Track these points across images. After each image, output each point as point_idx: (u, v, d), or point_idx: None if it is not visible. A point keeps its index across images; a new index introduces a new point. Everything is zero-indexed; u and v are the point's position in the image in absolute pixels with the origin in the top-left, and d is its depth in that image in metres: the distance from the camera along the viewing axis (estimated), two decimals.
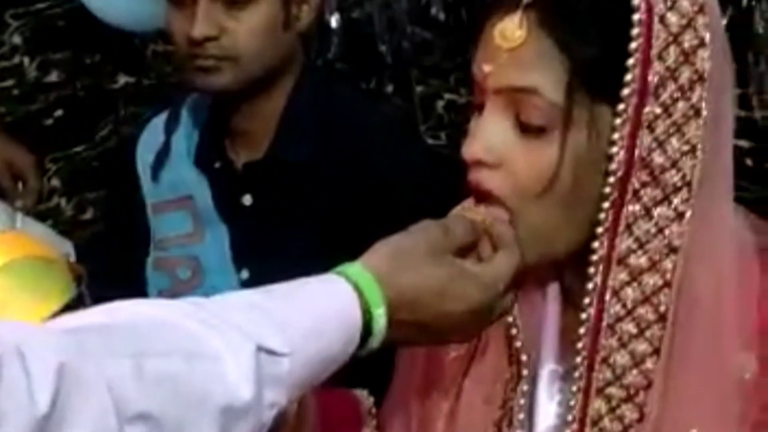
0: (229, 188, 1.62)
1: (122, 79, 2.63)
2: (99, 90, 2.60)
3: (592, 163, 0.92)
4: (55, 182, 2.58)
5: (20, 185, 1.95)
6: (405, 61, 2.24)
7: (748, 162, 1.81)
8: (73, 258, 2.02)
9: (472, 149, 0.94)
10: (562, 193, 0.92)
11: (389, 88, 2.27)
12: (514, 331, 1.02)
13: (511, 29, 0.92)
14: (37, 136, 2.39)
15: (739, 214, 0.99)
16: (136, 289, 1.65)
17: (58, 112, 2.60)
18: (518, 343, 1.01)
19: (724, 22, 1.77)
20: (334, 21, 2.23)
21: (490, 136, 0.93)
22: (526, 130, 0.93)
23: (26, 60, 2.53)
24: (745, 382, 0.93)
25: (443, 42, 2.22)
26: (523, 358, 1.01)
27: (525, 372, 1.01)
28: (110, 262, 1.72)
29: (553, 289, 1.03)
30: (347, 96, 1.68)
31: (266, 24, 1.54)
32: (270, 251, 1.59)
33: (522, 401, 1.01)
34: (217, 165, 1.63)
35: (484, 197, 0.95)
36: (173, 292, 1.63)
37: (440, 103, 2.30)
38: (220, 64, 1.53)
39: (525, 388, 1.01)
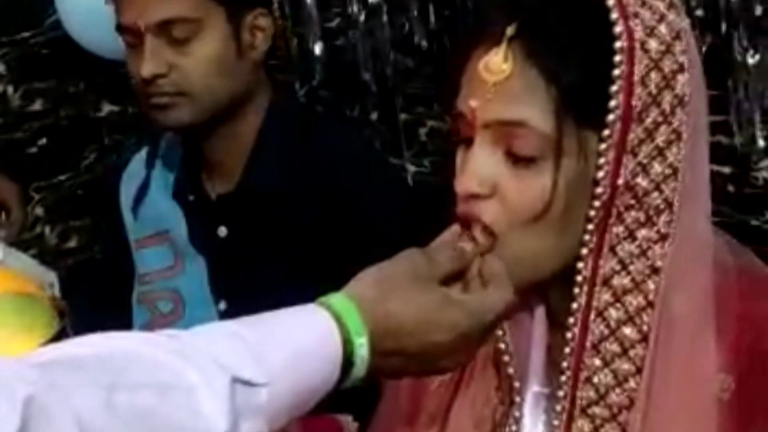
0: (204, 220, 1.62)
1: (106, 108, 2.64)
2: (83, 118, 2.61)
3: (581, 188, 0.93)
4: (39, 211, 2.58)
5: (3, 215, 1.95)
6: (389, 88, 2.24)
7: (730, 188, 1.81)
8: (57, 288, 2.02)
9: (465, 184, 0.94)
10: (554, 219, 0.93)
11: (373, 115, 2.27)
12: (506, 357, 1.02)
13: (496, 63, 0.93)
14: (20, 164, 2.39)
15: (720, 237, 1.00)
16: (122, 323, 1.65)
17: (42, 141, 2.60)
18: (511, 370, 1.02)
19: (703, 48, 1.78)
20: (317, 48, 2.24)
21: (481, 168, 0.94)
22: (518, 160, 0.93)
23: (10, 88, 2.54)
24: (723, 401, 0.94)
25: (426, 69, 2.23)
26: (516, 384, 1.02)
27: (517, 399, 1.02)
28: (97, 298, 1.72)
29: (540, 311, 1.03)
30: (319, 124, 1.68)
31: (216, 56, 1.53)
32: (246, 282, 1.58)
33: (514, 427, 1.02)
34: (191, 198, 1.63)
35: (470, 224, 0.95)
36: (155, 325, 1.63)
37: (423, 130, 2.30)
38: (174, 100, 1.53)
39: (517, 414, 1.02)
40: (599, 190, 0.93)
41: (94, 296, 1.75)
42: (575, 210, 0.94)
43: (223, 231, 1.61)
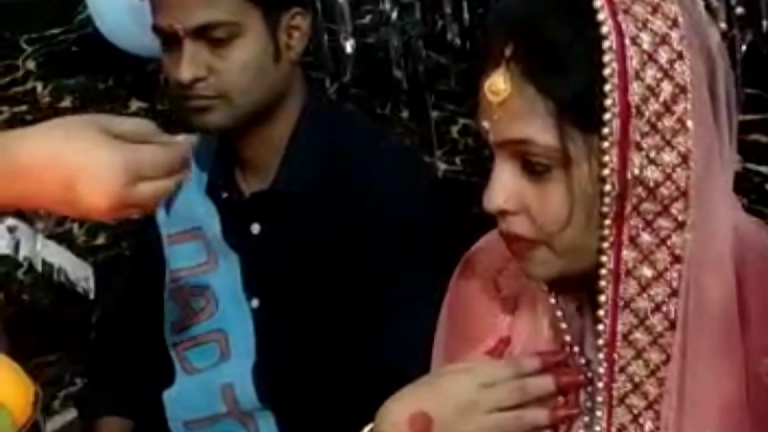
0: (237, 218, 1.61)
1: (135, 105, 2.63)
2: (112, 115, 2.59)
3: (598, 187, 0.96)
4: None
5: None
6: (420, 86, 2.23)
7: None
8: (92, 281, 2.01)
9: (492, 202, 0.99)
10: (581, 221, 0.96)
11: (405, 114, 2.26)
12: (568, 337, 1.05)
13: (497, 84, 0.96)
14: None
15: (758, 224, 1.02)
16: (154, 319, 1.65)
17: None
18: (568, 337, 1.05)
19: (743, 47, 1.76)
20: (349, 46, 2.23)
21: (505, 185, 0.98)
22: (534, 174, 0.97)
23: (40, 85, 2.53)
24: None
25: (458, 67, 2.21)
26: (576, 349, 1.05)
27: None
28: (128, 294, 1.72)
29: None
30: (352, 124, 1.67)
31: (254, 59, 1.53)
32: (279, 279, 1.58)
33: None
34: (225, 195, 1.62)
35: (514, 240, 1.00)
36: (186, 322, 1.62)
37: (455, 128, 2.29)
38: (212, 103, 1.52)
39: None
40: (607, 187, 0.95)
41: (126, 293, 1.75)
42: (598, 206, 0.96)
43: (256, 228, 1.60)
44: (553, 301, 1.06)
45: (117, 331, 1.75)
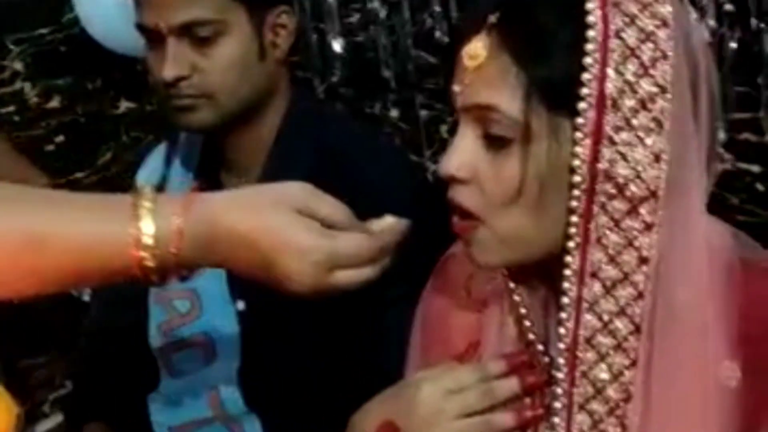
0: None
1: (124, 105, 2.63)
2: (100, 115, 2.60)
3: (555, 173, 0.95)
4: None
5: None
6: (409, 85, 2.22)
7: (759, 187, 1.78)
8: None
9: (445, 168, 0.99)
10: (529, 203, 0.96)
11: (394, 113, 2.25)
12: (527, 323, 1.05)
13: (474, 50, 0.96)
14: (38, 161, 2.37)
15: (723, 228, 1.02)
16: (138, 321, 1.63)
17: (60, 138, 2.59)
18: (532, 336, 1.04)
19: (733, 45, 1.75)
20: (337, 45, 2.22)
21: (461, 153, 0.98)
22: (492, 144, 0.97)
23: (27, 86, 2.53)
24: (731, 390, 0.95)
25: (447, 66, 2.21)
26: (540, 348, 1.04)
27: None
28: (112, 296, 1.70)
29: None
30: (340, 124, 1.65)
31: (238, 57, 1.51)
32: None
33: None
34: None
35: (459, 215, 1.00)
36: (171, 325, 1.61)
37: (444, 128, 2.28)
38: (196, 102, 1.50)
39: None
40: (577, 178, 0.94)
41: (110, 295, 1.73)
42: (551, 194, 0.95)
43: None
44: (517, 298, 1.05)
45: (101, 335, 1.73)
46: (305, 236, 0.95)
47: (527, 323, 1.04)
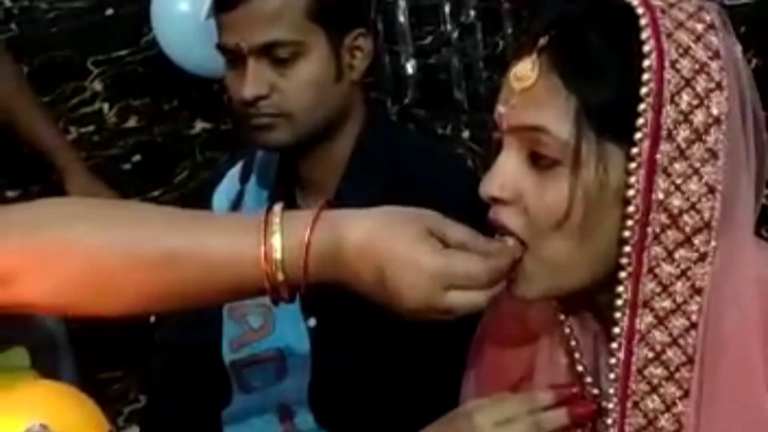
0: None
1: (199, 125, 2.66)
2: (176, 135, 2.63)
3: (602, 198, 0.95)
4: None
5: None
6: (481, 107, 2.23)
7: None
8: None
9: (487, 188, 0.98)
10: (573, 228, 0.95)
11: (465, 134, 2.26)
12: (577, 354, 1.04)
13: (523, 71, 0.96)
14: (115, 180, 2.42)
15: None
16: (213, 336, 1.66)
17: (137, 157, 2.63)
18: (580, 367, 1.04)
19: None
20: (410, 67, 2.24)
21: (505, 174, 0.97)
22: (538, 167, 0.96)
23: (106, 106, 2.57)
24: None
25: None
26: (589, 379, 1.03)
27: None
28: (186, 312, 1.72)
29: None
30: (414, 144, 1.67)
31: (317, 78, 1.53)
32: (336, 299, 1.57)
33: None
34: None
35: (500, 232, 0.99)
36: (244, 340, 1.63)
37: None
38: (275, 121, 1.53)
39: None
40: (631, 209, 0.93)
41: (185, 310, 1.76)
42: (596, 220, 0.95)
43: None
44: (567, 330, 1.05)
45: (175, 350, 1.76)
46: (425, 251, 0.95)
47: (577, 355, 1.04)
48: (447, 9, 2.28)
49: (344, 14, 1.55)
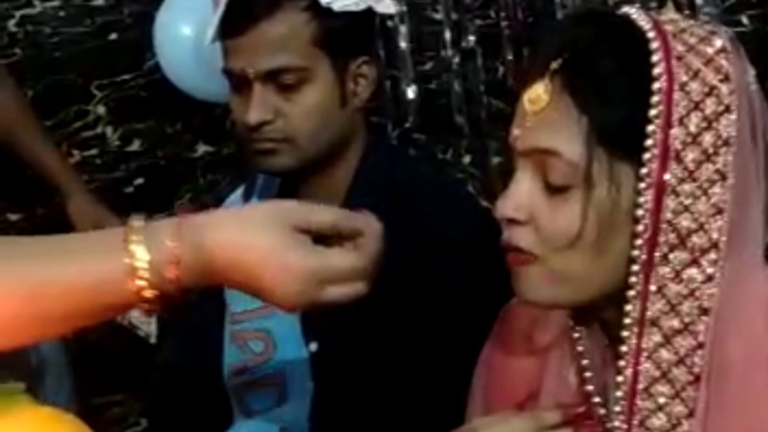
0: None
1: (201, 149, 2.67)
2: (179, 159, 2.64)
3: (614, 217, 0.96)
4: None
5: None
6: (482, 132, 2.24)
7: None
8: (154, 327, 2.04)
9: (502, 208, 0.99)
10: (586, 246, 0.96)
11: (466, 159, 2.27)
12: (588, 374, 1.04)
13: (536, 94, 0.97)
14: (118, 203, 2.43)
15: None
16: (215, 360, 1.66)
17: (139, 180, 2.64)
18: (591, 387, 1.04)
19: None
20: (411, 92, 2.25)
21: (519, 195, 0.98)
22: (552, 188, 0.97)
23: (109, 129, 2.59)
24: None
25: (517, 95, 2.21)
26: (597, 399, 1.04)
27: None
28: (190, 335, 1.73)
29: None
30: (414, 170, 1.68)
31: (320, 104, 1.54)
32: (337, 323, 1.58)
33: None
34: None
35: (517, 257, 1.00)
36: (245, 364, 1.63)
37: None
38: (278, 146, 1.54)
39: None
40: (640, 228, 0.95)
41: (184, 333, 1.76)
42: (608, 238, 0.96)
43: None
44: (580, 348, 1.05)
45: (176, 374, 1.76)
46: (293, 252, 0.94)
47: (588, 374, 1.05)
48: (448, 35, 2.29)
49: (349, 41, 1.56)
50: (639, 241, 0.95)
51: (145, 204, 2.62)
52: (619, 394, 0.99)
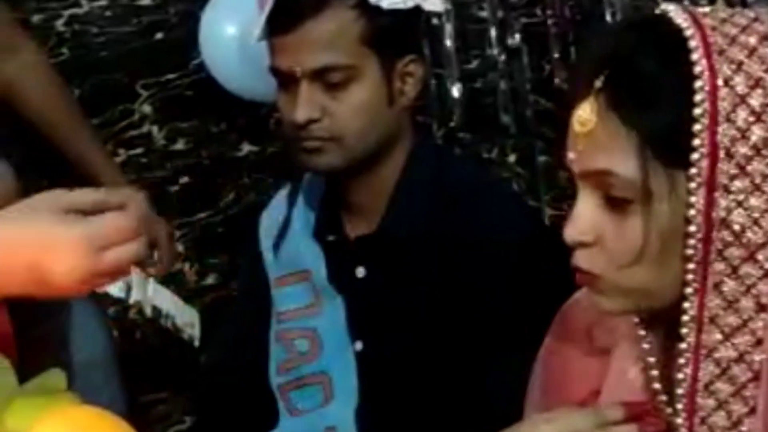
0: (343, 261, 1.62)
1: (246, 148, 2.67)
2: (223, 158, 2.65)
3: (674, 224, 0.95)
4: (179, 248, 2.62)
5: (155, 253, 1.99)
6: (528, 131, 2.23)
7: None
8: (197, 327, 2.06)
9: (569, 233, 0.99)
10: (652, 258, 0.96)
11: (512, 158, 2.26)
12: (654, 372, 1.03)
13: (584, 116, 0.97)
14: (163, 202, 2.44)
15: None
16: (260, 359, 1.66)
17: (184, 179, 2.65)
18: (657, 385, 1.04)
19: None
20: (456, 91, 2.24)
21: (583, 218, 0.98)
22: (614, 206, 0.97)
23: (155, 129, 2.60)
24: None
25: (566, 112, 2.20)
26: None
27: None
28: (235, 335, 1.74)
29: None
30: (457, 167, 1.67)
31: (368, 103, 1.54)
32: (383, 323, 1.58)
33: None
34: (331, 238, 1.63)
35: (584, 277, 1.00)
36: (291, 364, 1.63)
37: (563, 174, 2.28)
38: (324, 145, 1.53)
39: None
40: (693, 228, 0.94)
41: (233, 333, 1.77)
42: (673, 246, 0.96)
43: (361, 272, 1.61)
44: (646, 346, 1.05)
45: (222, 373, 1.77)
46: (61, 229, 0.96)
47: (654, 373, 1.04)
48: (493, 33, 2.28)
49: (397, 40, 1.56)
50: (692, 241, 0.94)
51: (189, 203, 2.64)
52: (680, 391, 0.98)
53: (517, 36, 2.27)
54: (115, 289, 1.60)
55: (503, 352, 1.50)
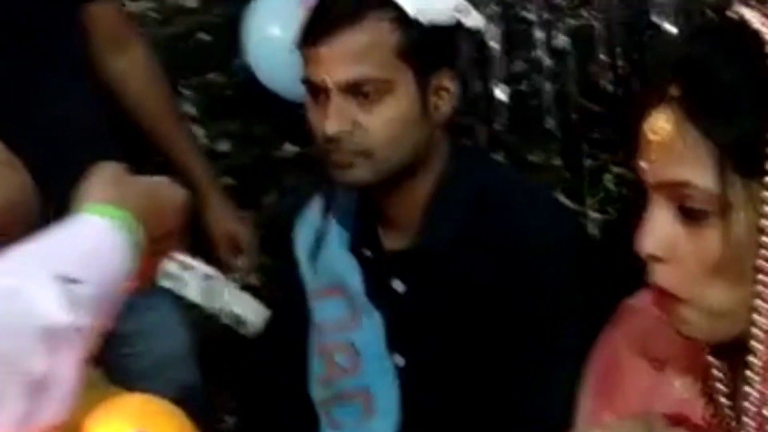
0: (379, 275, 1.59)
1: (288, 149, 2.67)
2: (266, 159, 2.65)
3: (752, 238, 0.92)
4: None
5: (239, 260, 2.01)
6: (573, 134, 2.21)
7: None
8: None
9: (643, 245, 0.96)
10: (731, 273, 0.93)
11: (557, 161, 2.24)
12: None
13: (658, 124, 0.94)
14: None
15: None
16: (301, 369, 1.65)
17: (227, 180, 2.65)
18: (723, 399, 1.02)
19: None
20: (501, 93, 2.22)
21: (657, 231, 0.95)
22: (689, 218, 0.94)
23: (198, 129, 2.60)
24: None
25: (612, 115, 2.18)
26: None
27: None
28: (273, 345, 1.73)
29: None
30: (498, 178, 1.63)
31: (401, 117, 1.50)
32: (422, 337, 1.56)
33: None
34: (367, 252, 1.60)
35: (666, 300, 0.97)
36: (331, 378, 1.62)
37: (608, 177, 2.25)
38: (355, 159, 1.50)
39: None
40: (765, 239, 0.91)
41: (271, 345, 1.74)
42: (748, 259, 0.93)
43: (398, 286, 1.58)
44: (711, 358, 1.02)
45: (263, 384, 1.76)
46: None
47: (719, 386, 1.01)
48: (539, 34, 2.26)
49: (433, 54, 1.52)
50: (765, 252, 0.91)
51: (232, 203, 2.64)
52: (747, 404, 0.96)
53: (563, 38, 2.25)
54: (193, 292, 1.59)
55: (550, 364, 1.48)
